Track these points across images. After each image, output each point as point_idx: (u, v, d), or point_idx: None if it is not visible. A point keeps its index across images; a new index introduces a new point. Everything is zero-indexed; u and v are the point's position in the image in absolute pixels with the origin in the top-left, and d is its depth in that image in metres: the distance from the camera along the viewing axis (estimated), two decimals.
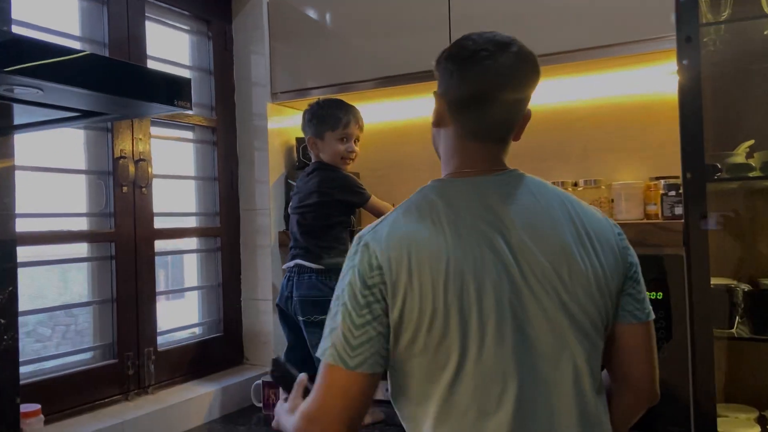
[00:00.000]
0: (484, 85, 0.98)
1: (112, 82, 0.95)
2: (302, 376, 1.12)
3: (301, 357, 1.78)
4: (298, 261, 1.76)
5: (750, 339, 1.37)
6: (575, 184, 1.88)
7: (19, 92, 0.90)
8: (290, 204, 1.87)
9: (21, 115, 1.15)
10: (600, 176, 1.90)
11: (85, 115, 1.10)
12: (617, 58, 1.74)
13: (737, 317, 1.42)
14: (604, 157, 1.95)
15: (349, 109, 1.83)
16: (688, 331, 1.33)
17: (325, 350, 0.93)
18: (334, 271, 1.74)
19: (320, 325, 1.68)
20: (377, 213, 1.81)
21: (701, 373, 1.30)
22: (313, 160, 1.87)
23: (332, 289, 1.66)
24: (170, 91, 1.04)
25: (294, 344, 1.82)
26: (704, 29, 1.52)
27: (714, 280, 1.37)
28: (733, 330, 1.42)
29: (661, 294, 1.36)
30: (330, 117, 1.79)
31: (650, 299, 1.37)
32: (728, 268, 1.51)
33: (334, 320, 0.94)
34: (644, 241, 1.37)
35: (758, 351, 1.60)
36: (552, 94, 2.02)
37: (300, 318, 1.73)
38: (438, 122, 1.05)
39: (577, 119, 1.98)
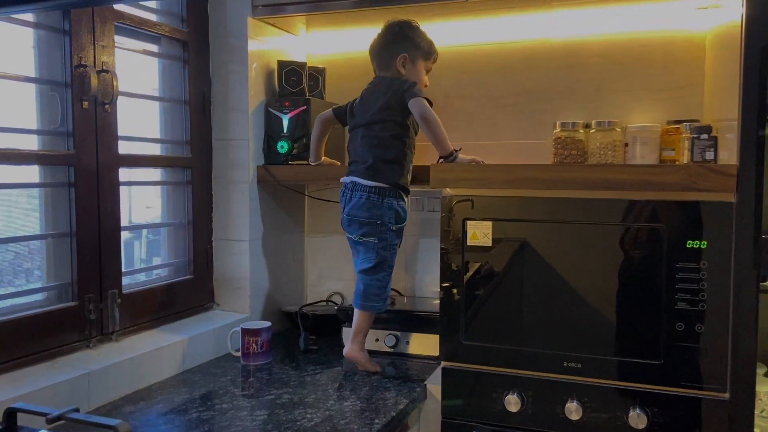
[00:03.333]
0: None
1: None
2: None
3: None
4: (354, 178, 1.65)
5: None
6: (587, 126, 1.75)
7: None
8: (353, 119, 1.71)
9: None
10: (612, 118, 1.77)
11: None
12: None
13: None
14: (618, 98, 1.83)
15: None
16: (731, 283, 1.24)
17: None
18: (388, 192, 1.62)
19: (364, 245, 1.62)
20: (431, 123, 1.62)
21: (743, 328, 1.22)
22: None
23: (381, 214, 1.60)
24: None
25: None
26: None
27: None
28: (766, 283, 1.34)
29: (705, 243, 1.25)
30: (426, 44, 1.73)
31: (693, 248, 1.28)
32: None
33: None
34: (694, 185, 1.25)
35: None
36: (563, 26, 1.86)
37: (347, 234, 1.68)
38: None
39: (591, 55, 1.84)
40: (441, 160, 1.63)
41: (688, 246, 1.28)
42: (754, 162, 1.21)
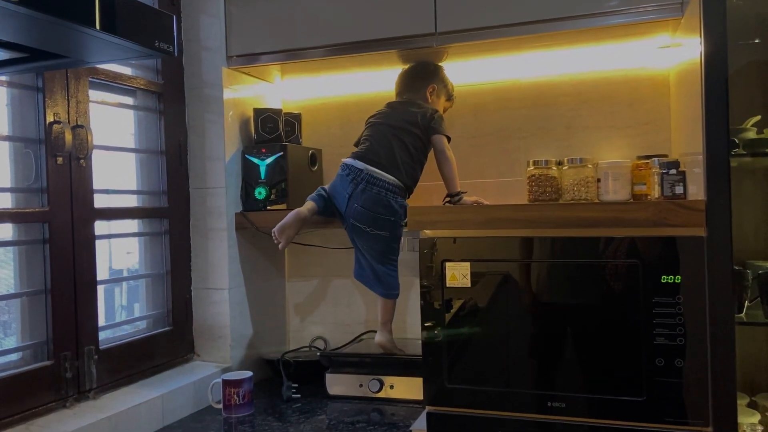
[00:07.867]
0: None
1: (80, 9, 0.73)
2: None
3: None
4: (371, 168, 1.70)
5: (764, 324, 1.32)
6: (559, 163, 1.78)
7: None
8: (378, 118, 1.81)
9: None
10: (583, 154, 1.81)
11: (32, 57, 0.86)
12: (605, 29, 1.63)
13: (746, 301, 1.37)
14: (588, 135, 1.87)
15: None
16: (707, 316, 1.25)
17: None
18: (401, 191, 1.71)
19: (374, 237, 1.69)
20: (447, 162, 1.74)
21: (721, 360, 1.23)
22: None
23: (395, 210, 1.68)
24: (150, 27, 0.83)
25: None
26: None
27: None
28: (743, 314, 1.36)
29: (679, 278, 1.27)
30: (451, 86, 1.88)
31: (668, 283, 1.30)
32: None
33: None
34: (665, 220, 1.28)
35: (754, 335, 1.57)
36: (533, 67, 1.91)
37: (351, 221, 1.72)
38: None
39: (561, 94, 1.89)
40: (447, 198, 1.75)
41: (663, 281, 1.29)
42: (722, 196, 1.24)
